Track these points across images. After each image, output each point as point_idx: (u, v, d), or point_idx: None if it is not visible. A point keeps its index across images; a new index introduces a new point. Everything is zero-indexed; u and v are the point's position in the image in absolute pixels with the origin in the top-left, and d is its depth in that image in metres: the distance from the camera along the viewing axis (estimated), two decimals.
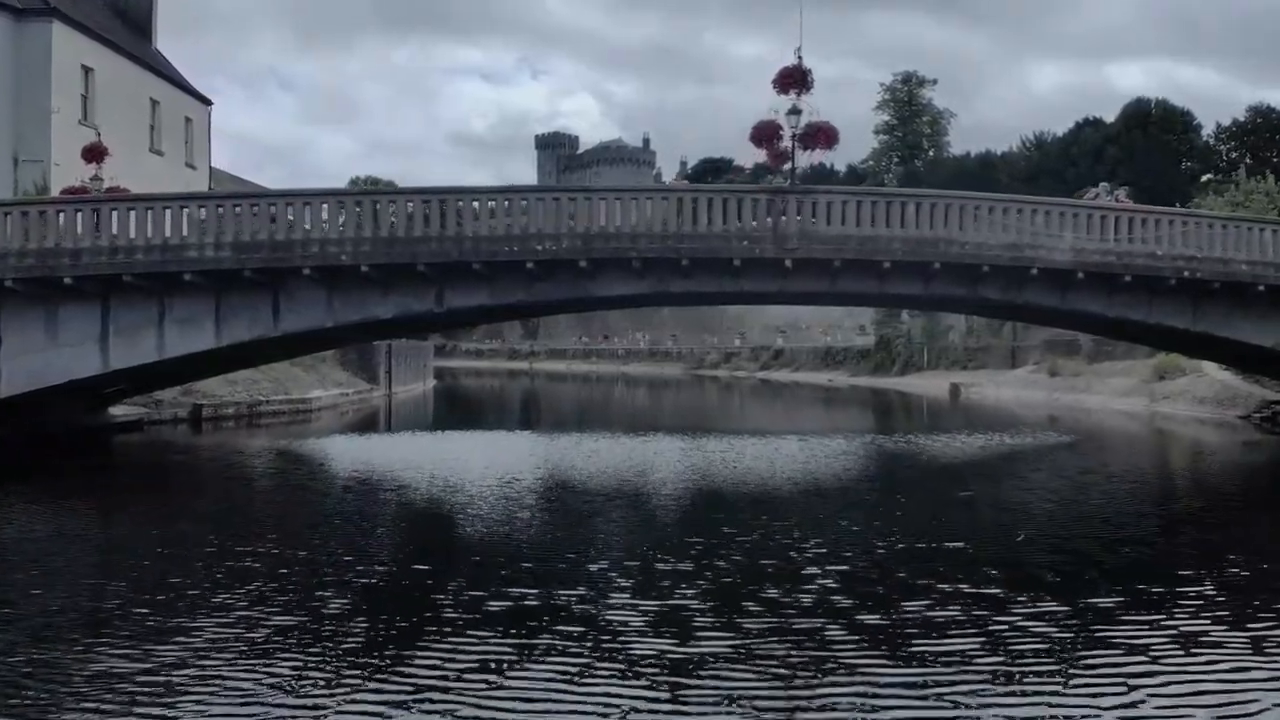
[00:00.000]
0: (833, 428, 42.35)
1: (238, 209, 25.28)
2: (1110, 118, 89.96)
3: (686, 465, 24.71)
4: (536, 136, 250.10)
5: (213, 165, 50.60)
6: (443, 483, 21.49)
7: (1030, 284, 28.26)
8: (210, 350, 26.37)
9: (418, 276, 25.63)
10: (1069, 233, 27.89)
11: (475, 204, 25.35)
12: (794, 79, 25.96)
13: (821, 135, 26.12)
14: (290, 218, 25.23)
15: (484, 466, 23.79)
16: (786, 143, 26.48)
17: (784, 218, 26.17)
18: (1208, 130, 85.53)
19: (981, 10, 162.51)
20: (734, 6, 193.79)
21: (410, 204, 25.26)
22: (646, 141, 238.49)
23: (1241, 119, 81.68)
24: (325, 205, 25.33)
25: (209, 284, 25.54)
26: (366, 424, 42.58)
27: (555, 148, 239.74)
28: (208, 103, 50.17)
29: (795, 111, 26.19)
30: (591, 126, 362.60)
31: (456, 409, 57.82)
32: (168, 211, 25.18)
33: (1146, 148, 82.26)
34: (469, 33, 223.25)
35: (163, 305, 25.95)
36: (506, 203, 25.46)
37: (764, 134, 26.25)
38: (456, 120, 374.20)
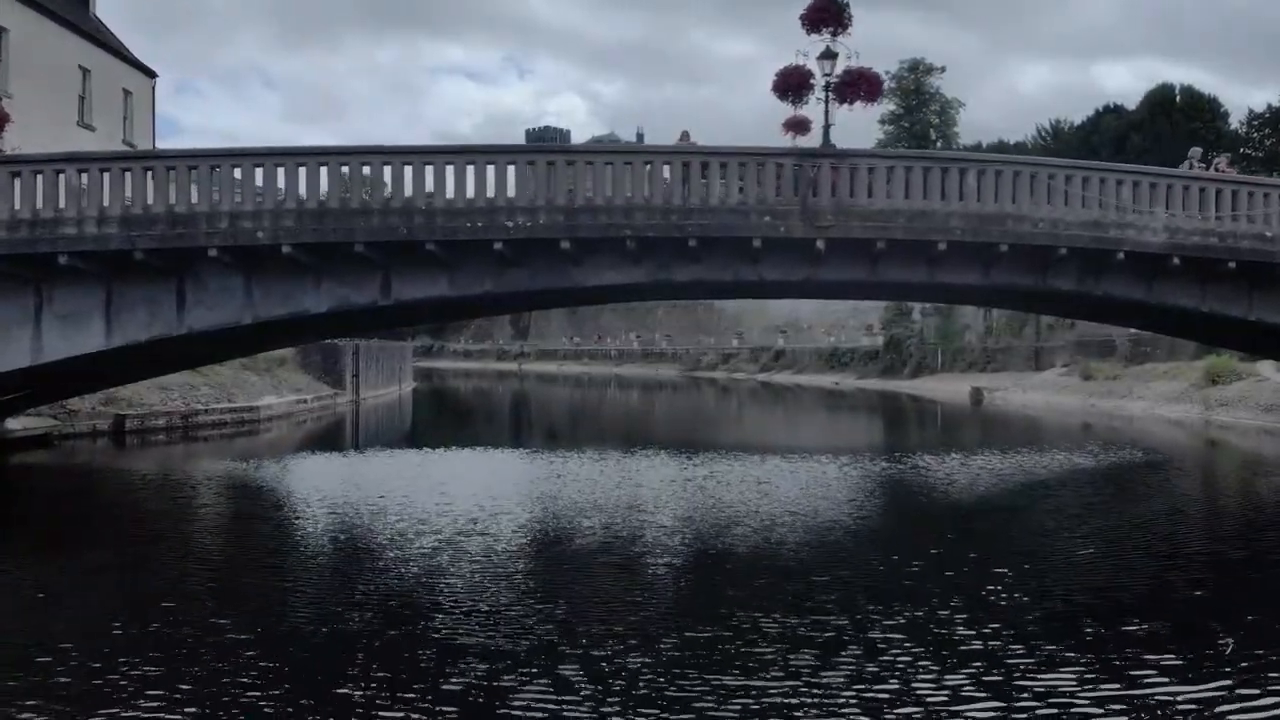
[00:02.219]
0: (859, 443, 37.16)
1: (127, 173, 20.00)
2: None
3: (700, 503, 19.19)
4: (527, 131, 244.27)
5: (157, 145, 45.28)
6: (383, 538, 15.86)
7: (1111, 272, 23.16)
8: (102, 352, 21.10)
9: (357, 260, 20.41)
10: (1162, 209, 22.79)
11: (428, 167, 20.07)
12: (828, 14, 20.76)
13: (864, 83, 20.93)
14: (195, 185, 19.96)
15: (446, 506, 18.36)
16: (818, 94, 21.30)
17: (815, 187, 21.00)
18: (1237, 118, 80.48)
19: (969, 11, 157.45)
20: (720, 5, 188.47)
21: (345, 167, 20.02)
22: (640, 137, 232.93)
23: (1276, 104, 76.58)
24: (237, 169, 20.06)
25: (96, 270, 20.33)
26: (324, 437, 37.28)
27: (546, 142, 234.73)
28: (152, 75, 44.88)
29: (829, 55, 21.01)
30: (579, 127, 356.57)
31: (434, 417, 52.47)
32: (39, 177, 19.91)
33: (1172, 136, 77.15)
34: (454, 32, 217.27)
35: (40, 296, 20.76)
36: (468, 166, 20.19)
37: (791, 82, 21.06)
38: (442, 120, 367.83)
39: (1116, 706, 8.19)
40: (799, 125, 23.36)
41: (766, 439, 38.61)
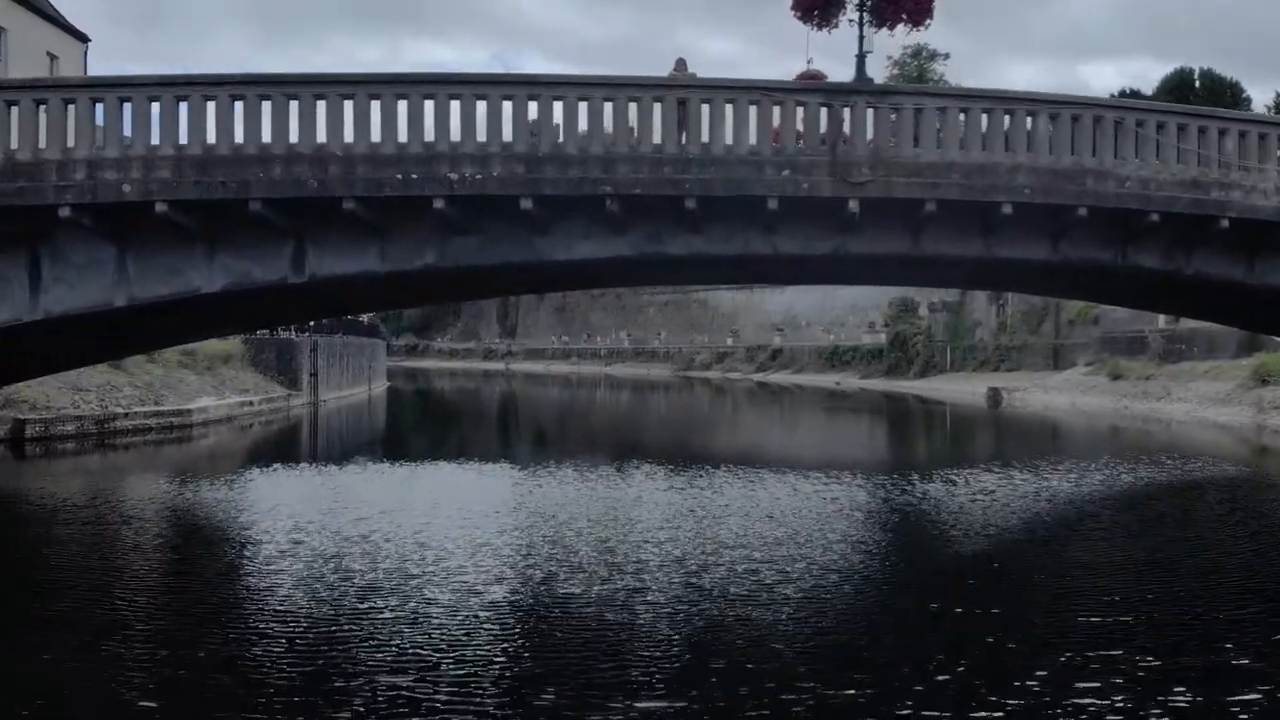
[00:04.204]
0: (883, 455, 32.75)
1: None
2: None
3: (710, 556, 13.78)
4: None
5: None
6: (215, 619, 10.82)
7: (1207, 244, 18.74)
8: None
9: (259, 225, 15.82)
10: (1273, 166, 18.33)
11: (347, 103, 15.47)
12: None
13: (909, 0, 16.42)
14: (45, 126, 15.38)
15: (352, 561, 13.32)
16: (850, 15, 16.78)
17: (848, 134, 16.48)
18: (1262, 101, 76.19)
19: (960, 9, 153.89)
20: (707, 4, 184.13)
21: (239, 102, 15.41)
22: None
23: None
24: (99, 104, 15.42)
25: None
26: (266, 446, 32.63)
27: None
28: (83, 39, 40.25)
29: None
30: None
31: (403, 423, 47.72)
32: None
33: None
34: (441, 30, 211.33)
35: None
36: (399, 101, 15.60)
37: None
38: None
39: None
40: (811, 78, 18.92)
41: (776, 450, 34.01)
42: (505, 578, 12.48)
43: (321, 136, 15.48)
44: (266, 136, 15.44)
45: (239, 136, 15.40)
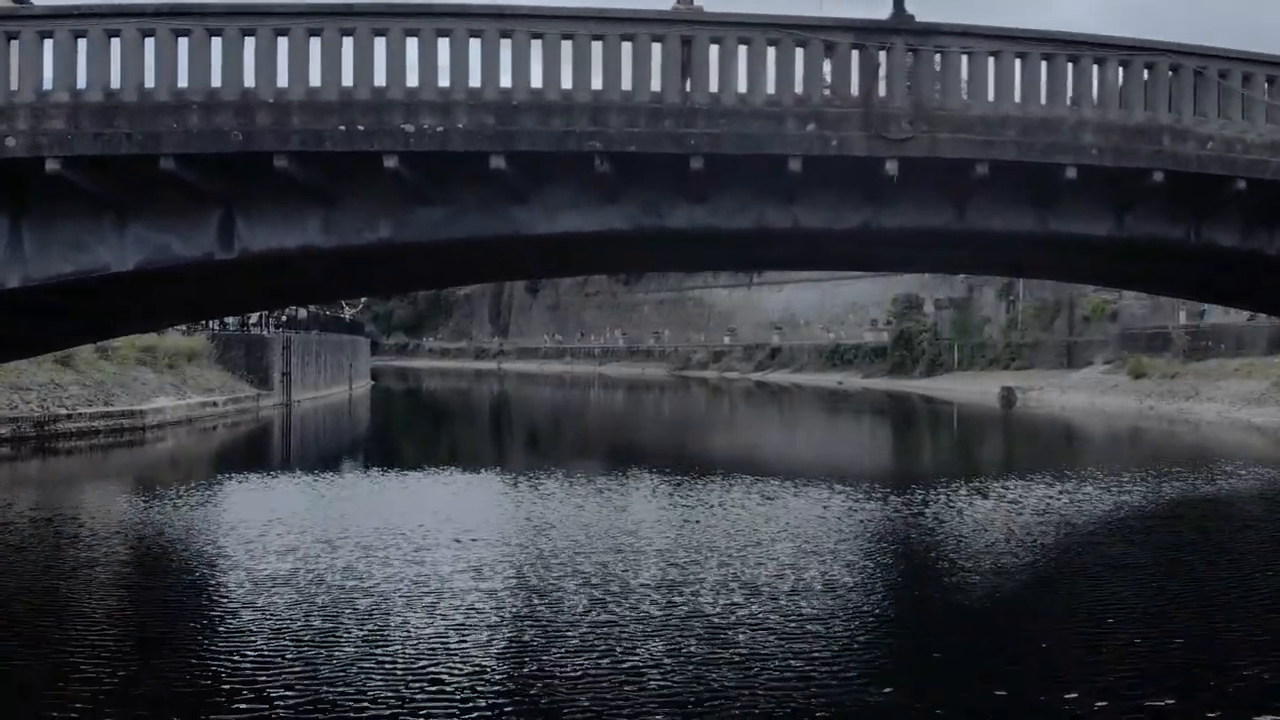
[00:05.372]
0: (904, 462, 30.18)
1: None
2: None
3: (739, 604, 10.86)
4: None
5: None
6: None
7: None
8: None
9: (177, 188, 13.13)
10: None
11: (281, 39, 12.79)
12: None
13: None
14: None
15: (312, 606, 10.68)
16: None
17: (884, 81, 13.83)
18: None
19: (960, 6, 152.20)
20: None
21: (149, 38, 12.73)
22: None
23: None
24: None
25: None
26: (229, 451, 30.01)
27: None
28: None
29: None
30: None
31: (383, 425, 44.94)
32: None
33: None
34: None
35: None
36: (345, 37, 12.90)
37: None
38: None
39: None
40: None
41: (791, 459, 31.41)
42: (454, 647, 9.33)
43: (250, 80, 12.80)
44: (183, 80, 12.77)
45: (149, 80, 12.72)
